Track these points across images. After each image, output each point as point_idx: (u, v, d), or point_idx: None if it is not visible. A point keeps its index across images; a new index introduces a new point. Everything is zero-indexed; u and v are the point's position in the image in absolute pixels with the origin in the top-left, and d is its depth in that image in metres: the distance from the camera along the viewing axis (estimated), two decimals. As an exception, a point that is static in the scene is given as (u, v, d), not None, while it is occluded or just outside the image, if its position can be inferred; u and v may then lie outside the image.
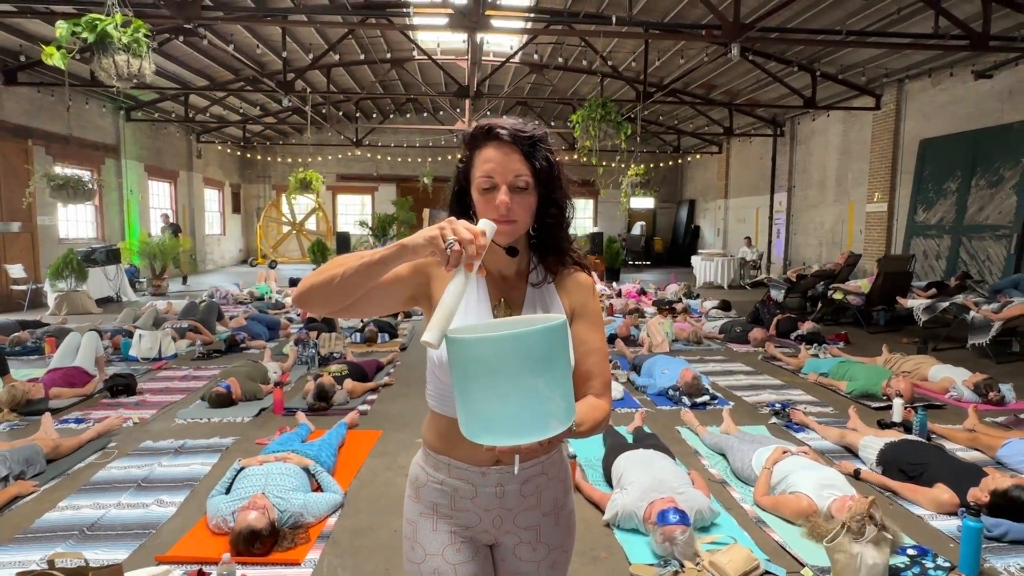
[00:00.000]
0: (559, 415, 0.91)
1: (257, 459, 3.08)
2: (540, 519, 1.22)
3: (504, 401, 0.87)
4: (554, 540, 1.25)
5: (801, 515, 2.81)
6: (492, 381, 0.87)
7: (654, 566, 2.50)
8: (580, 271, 1.24)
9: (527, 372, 0.87)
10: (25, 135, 10.19)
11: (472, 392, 0.90)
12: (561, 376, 0.91)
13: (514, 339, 0.87)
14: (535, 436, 0.89)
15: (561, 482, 1.26)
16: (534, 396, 0.88)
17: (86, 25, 3.86)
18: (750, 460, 3.32)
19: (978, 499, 2.88)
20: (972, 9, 7.67)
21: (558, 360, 0.90)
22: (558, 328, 0.91)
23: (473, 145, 1.15)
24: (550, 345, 0.89)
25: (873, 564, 2.36)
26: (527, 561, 1.23)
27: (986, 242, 9.12)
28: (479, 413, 0.90)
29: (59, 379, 4.76)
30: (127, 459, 3.62)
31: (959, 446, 3.86)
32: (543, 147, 1.14)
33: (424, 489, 1.23)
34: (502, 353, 0.86)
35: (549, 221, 1.18)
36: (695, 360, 6.19)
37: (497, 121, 1.13)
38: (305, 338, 6.42)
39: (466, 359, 0.89)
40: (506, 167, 1.10)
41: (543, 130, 1.16)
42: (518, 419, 0.88)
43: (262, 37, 10.36)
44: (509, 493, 1.19)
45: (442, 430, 1.19)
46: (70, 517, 2.90)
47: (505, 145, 1.11)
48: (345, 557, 2.60)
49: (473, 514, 1.20)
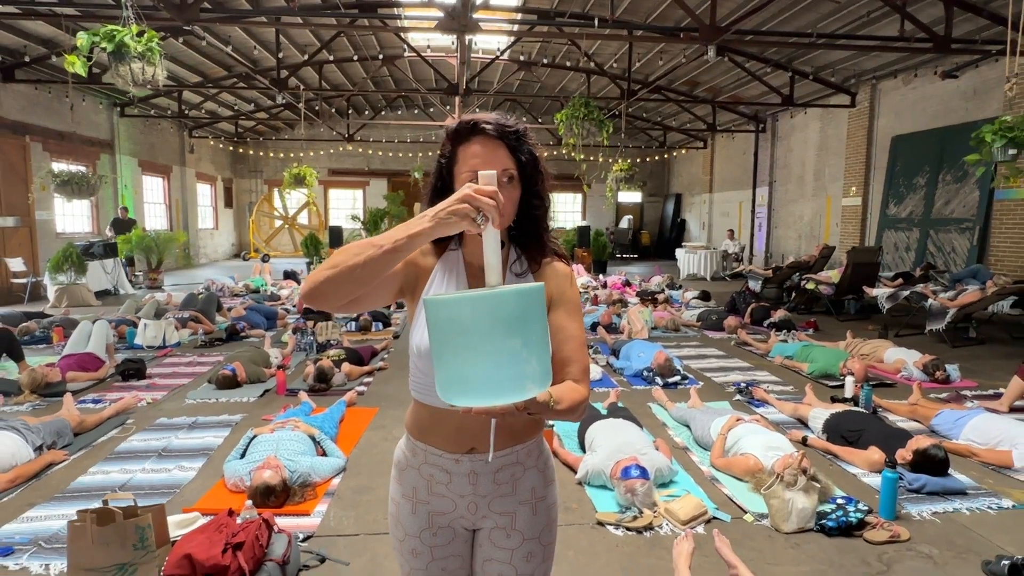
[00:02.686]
0: (535, 377, 0.91)
1: (268, 427, 3.44)
2: (516, 506, 1.23)
3: (479, 361, 0.88)
4: (530, 530, 1.24)
5: (749, 472, 3.21)
6: (468, 341, 0.88)
7: (617, 513, 2.89)
8: (559, 260, 1.25)
9: (502, 332, 0.88)
10: (23, 131, 10.40)
11: (448, 353, 0.90)
12: (537, 340, 0.92)
13: (489, 298, 0.89)
14: (511, 397, 0.90)
15: (540, 472, 1.26)
16: (510, 356, 0.88)
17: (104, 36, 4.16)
18: (709, 428, 3.71)
19: (904, 458, 3.29)
20: (936, 13, 8.09)
21: (534, 323, 0.91)
22: (533, 291, 0.92)
23: (457, 140, 1.16)
24: (525, 306, 0.90)
25: (802, 508, 2.76)
26: (501, 548, 1.24)
27: (951, 234, 9.60)
28: (455, 373, 0.90)
29: (74, 364, 5.08)
30: (145, 433, 3.96)
31: (900, 417, 4.29)
32: (527, 141, 1.16)
33: (405, 473, 1.27)
34: (478, 313, 0.88)
35: (532, 213, 1.20)
36: (672, 346, 6.59)
37: (481, 116, 1.14)
38: (303, 327, 6.76)
39: (443, 319, 0.90)
40: (492, 161, 1.12)
41: (525, 124, 1.19)
42: (494, 379, 0.89)
43: (257, 36, 10.62)
44: (482, 480, 1.21)
45: (422, 418, 1.24)
46: (101, 480, 3.25)
47: (491, 139, 1.13)
48: (348, 510, 2.97)
49: (448, 500, 1.23)
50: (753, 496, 3.08)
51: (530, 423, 1.24)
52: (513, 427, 1.21)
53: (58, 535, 2.66)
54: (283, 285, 11.41)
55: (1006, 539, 2.75)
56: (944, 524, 2.88)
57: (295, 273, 12.62)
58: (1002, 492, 3.18)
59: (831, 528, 2.73)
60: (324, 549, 2.59)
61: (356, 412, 4.39)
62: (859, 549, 2.65)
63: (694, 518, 2.80)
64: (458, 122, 1.16)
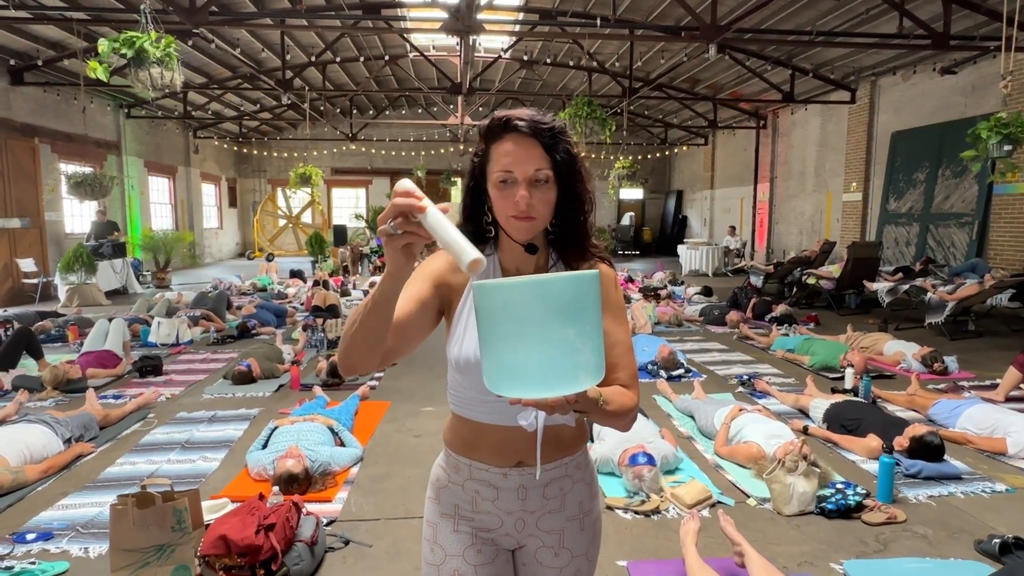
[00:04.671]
0: (589, 369, 0.87)
1: (288, 419, 3.57)
2: (564, 523, 1.19)
3: (531, 350, 0.84)
4: (578, 547, 1.20)
5: (752, 459, 3.33)
6: (519, 329, 0.84)
7: (625, 498, 3.01)
8: (601, 263, 1.19)
9: (556, 321, 0.84)
10: (32, 133, 10.54)
11: (498, 341, 0.86)
12: (592, 329, 0.87)
13: (542, 284, 0.85)
14: (563, 389, 0.86)
15: (587, 485, 1.22)
16: (563, 346, 0.84)
17: (124, 42, 4.30)
18: (712, 418, 3.84)
19: (901, 445, 3.42)
20: (935, 10, 8.18)
21: (589, 312, 0.87)
22: (588, 278, 0.87)
23: (490, 138, 1.10)
24: (580, 294, 0.86)
25: (803, 492, 2.89)
26: (549, 567, 1.20)
27: (951, 229, 9.70)
28: (504, 363, 0.86)
29: (93, 361, 5.22)
30: (167, 426, 4.10)
31: (899, 407, 4.41)
32: (563, 139, 1.09)
33: (445, 491, 1.21)
34: (529, 299, 0.84)
35: (571, 215, 1.13)
36: (675, 341, 6.70)
37: (515, 113, 1.08)
38: (313, 324, 6.90)
39: (493, 306, 0.86)
40: (525, 160, 1.06)
41: (563, 122, 1.11)
42: (546, 370, 0.84)
43: (262, 38, 10.75)
44: (531, 495, 1.15)
45: (463, 433, 1.18)
46: (129, 470, 3.38)
47: (524, 137, 1.06)
48: (368, 497, 3.10)
49: (495, 516, 1.17)
50: (756, 482, 3.20)
51: (576, 434, 1.20)
52: (560, 438, 1.16)
53: (94, 521, 2.80)
54: (290, 284, 11.54)
55: (998, 520, 2.87)
56: (939, 507, 3.00)
57: (302, 272, 12.75)
58: (995, 477, 3.30)
59: (831, 511, 2.86)
60: (347, 532, 2.72)
61: (369, 405, 4.53)
62: (857, 530, 2.77)
63: (699, 502, 2.93)
64: (491, 119, 1.10)
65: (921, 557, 2.55)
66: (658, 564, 2.48)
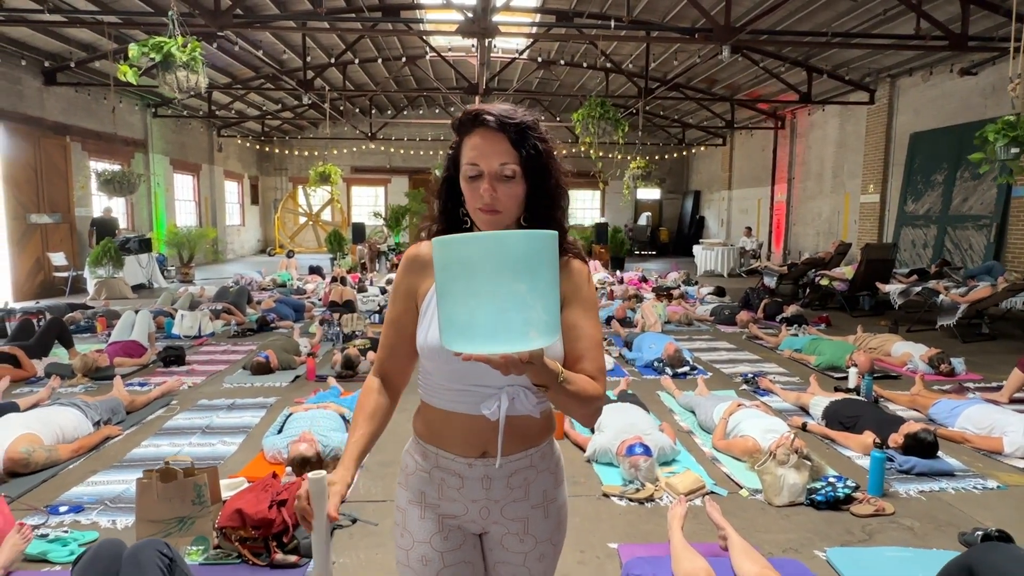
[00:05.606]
0: (540, 327, 0.87)
1: (303, 407, 3.75)
2: (528, 511, 1.21)
3: (482, 303, 0.85)
4: (542, 533, 1.23)
5: (747, 453, 3.43)
6: (472, 283, 0.85)
7: (621, 486, 3.13)
8: (575, 259, 1.20)
9: (508, 275, 0.85)
10: (64, 132, 10.93)
11: (452, 296, 0.87)
12: (545, 287, 0.88)
13: (496, 238, 0.88)
14: (514, 345, 0.86)
15: (552, 475, 1.24)
16: (515, 301, 0.85)
17: (153, 47, 4.52)
18: (712, 413, 3.94)
19: (896, 441, 3.49)
20: (953, 11, 8.14)
21: (542, 270, 0.88)
22: (543, 236, 0.89)
23: (462, 131, 1.11)
24: (534, 251, 0.87)
25: (793, 483, 2.98)
26: (514, 552, 1.23)
27: (969, 231, 9.62)
28: (457, 317, 0.87)
29: (120, 351, 5.47)
30: (188, 412, 4.31)
31: (900, 406, 4.46)
32: (533, 134, 1.08)
33: (413, 477, 1.24)
34: (484, 253, 0.86)
35: (541, 212, 1.14)
36: (684, 339, 6.78)
37: (486, 106, 1.09)
38: (329, 318, 7.10)
39: (449, 260, 0.88)
40: (491, 155, 1.06)
41: (534, 116, 1.10)
42: (496, 323, 0.86)
43: (285, 40, 11.02)
44: (495, 485, 1.18)
45: (431, 420, 1.21)
46: (153, 452, 3.59)
47: (492, 132, 1.07)
48: (376, 480, 3.26)
49: (460, 504, 1.20)
50: (750, 474, 3.30)
51: (543, 426, 1.22)
52: (526, 429, 1.18)
53: (121, 496, 3.00)
54: (308, 280, 11.80)
55: (987, 515, 2.94)
56: (929, 501, 3.07)
57: (320, 268, 13.02)
58: (990, 475, 3.35)
59: (820, 502, 2.95)
60: (355, 512, 2.88)
61: (381, 396, 4.68)
62: (845, 521, 2.86)
63: (693, 491, 3.04)
64: (463, 112, 1.12)
65: (903, 547, 2.63)
66: (647, 547, 2.60)
